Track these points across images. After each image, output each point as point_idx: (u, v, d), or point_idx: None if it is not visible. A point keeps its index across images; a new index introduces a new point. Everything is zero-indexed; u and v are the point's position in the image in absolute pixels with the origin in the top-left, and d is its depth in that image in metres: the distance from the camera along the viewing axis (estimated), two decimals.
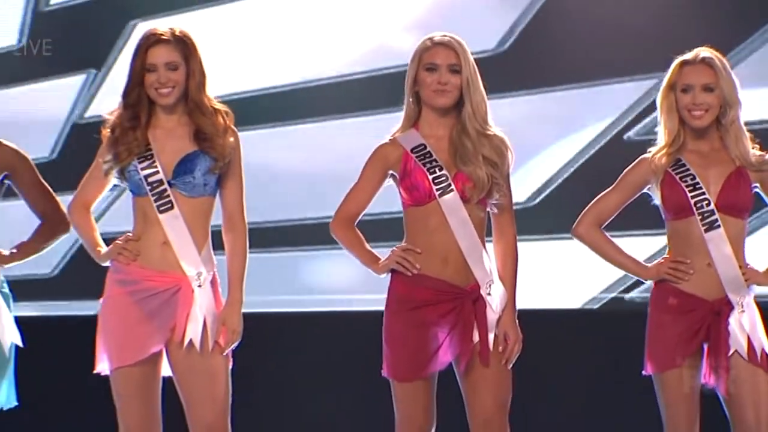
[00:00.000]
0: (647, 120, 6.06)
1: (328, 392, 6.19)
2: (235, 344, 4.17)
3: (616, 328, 5.69)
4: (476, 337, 4.15)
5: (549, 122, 6.60)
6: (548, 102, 6.58)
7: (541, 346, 4.85)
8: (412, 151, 4.16)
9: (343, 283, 6.38)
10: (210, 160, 4.09)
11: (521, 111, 6.58)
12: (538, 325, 4.77)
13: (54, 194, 4.63)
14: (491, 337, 4.16)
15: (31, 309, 5.54)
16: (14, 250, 4.50)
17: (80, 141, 6.23)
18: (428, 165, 4.16)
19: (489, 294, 4.16)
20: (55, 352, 5.24)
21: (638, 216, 4.48)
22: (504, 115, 4.48)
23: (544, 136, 6.56)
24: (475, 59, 4.19)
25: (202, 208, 4.16)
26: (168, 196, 4.10)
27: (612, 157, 5.91)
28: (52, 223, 4.54)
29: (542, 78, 6.53)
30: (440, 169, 4.14)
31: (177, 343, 4.08)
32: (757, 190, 4.30)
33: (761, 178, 4.26)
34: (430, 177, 4.14)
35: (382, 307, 4.20)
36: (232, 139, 4.14)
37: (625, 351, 4.67)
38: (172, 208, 4.10)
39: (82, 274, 5.61)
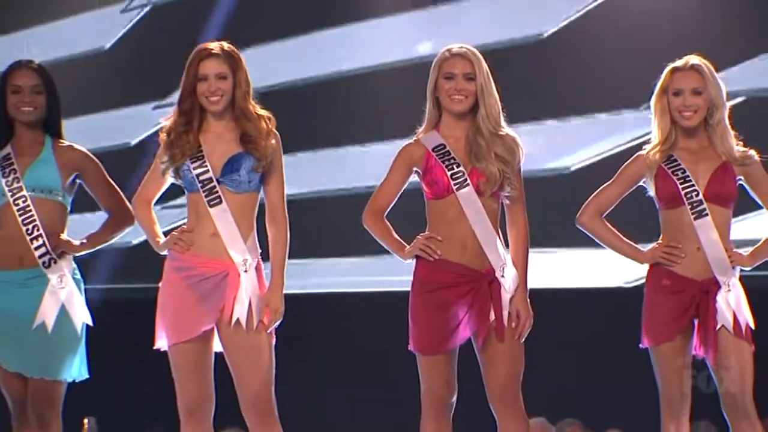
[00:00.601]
0: None
1: (360, 365, 6.69)
2: (277, 323, 4.61)
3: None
4: (492, 316, 4.60)
5: None
6: None
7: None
8: (433, 150, 4.63)
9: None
10: (254, 160, 4.54)
11: None
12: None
13: (120, 191, 5.09)
14: (505, 314, 4.61)
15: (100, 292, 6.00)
16: (84, 240, 5.00)
17: None
18: (447, 162, 4.62)
19: (503, 276, 4.62)
20: (121, 330, 5.67)
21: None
22: None
23: None
24: None
25: (247, 202, 4.60)
26: (217, 192, 4.54)
27: None
28: (118, 217, 5.02)
29: None
30: (457, 166, 4.60)
31: (226, 322, 4.52)
32: (741, 182, 4.73)
33: (745, 172, 4.70)
34: (449, 173, 4.61)
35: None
36: (273, 141, 4.59)
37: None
38: (220, 202, 4.54)
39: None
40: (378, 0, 9.08)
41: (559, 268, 7.14)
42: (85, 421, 7.64)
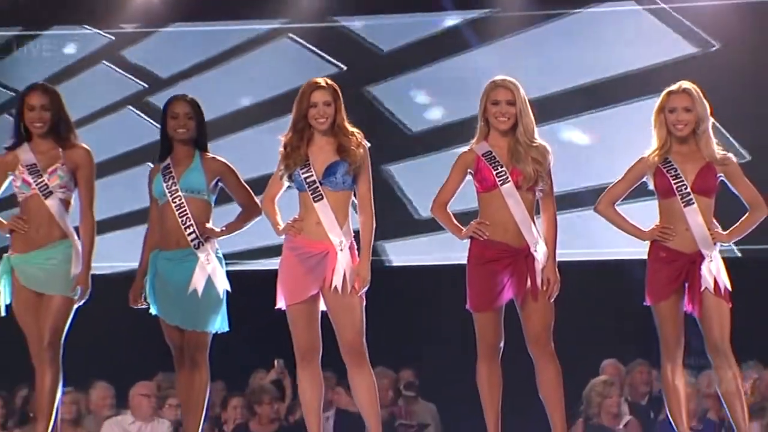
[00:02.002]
0: None
1: (434, 322, 7.82)
2: (366, 288, 5.75)
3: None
4: (528, 282, 5.76)
5: None
6: None
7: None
8: (482, 155, 5.83)
9: None
10: (347, 165, 5.73)
11: None
12: None
13: (251, 191, 6.26)
14: (539, 281, 5.77)
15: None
16: (224, 228, 6.22)
17: None
18: (493, 164, 5.80)
19: (536, 251, 5.78)
20: (250, 295, 6.91)
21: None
22: None
23: None
24: None
25: (342, 198, 5.77)
26: (319, 191, 5.73)
27: None
28: (248, 210, 6.25)
29: None
30: (501, 167, 5.78)
31: (327, 288, 5.70)
32: (722, 178, 5.80)
33: (724, 171, 5.78)
34: (494, 172, 5.78)
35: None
36: (362, 150, 5.78)
37: None
38: (322, 198, 5.73)
39: None
40: None
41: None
42: (275, 362, 8.92)
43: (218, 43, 11.00)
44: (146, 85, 11.02)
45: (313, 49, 10.82)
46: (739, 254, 9.01)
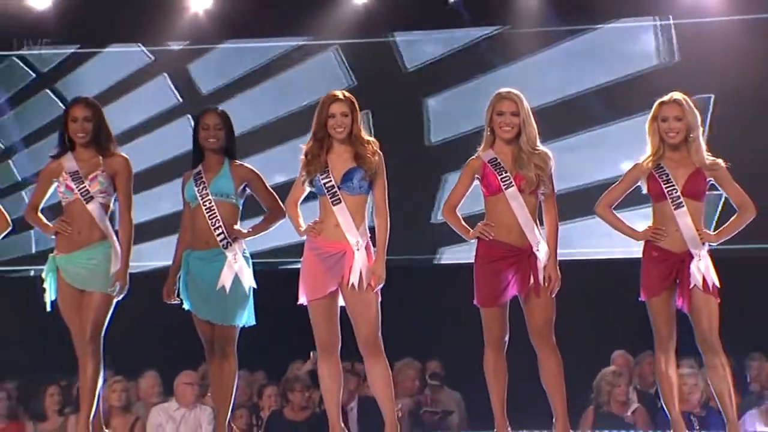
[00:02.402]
0: None
1: (441, 318, 8.24)
2: (381, 285, 6.15)
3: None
4: (531, 279, 6.18)
5: None
6: None
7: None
8: (488, 162, 6.26)
9: None
10: (363, 171, 6.16)
11: None
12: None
13: (275, 195, 6.68)
14: (541, 278, 6.19)
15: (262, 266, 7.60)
16: (250, 229, 6.66)
17: None
18: (498, 170, 6.22)
19: (538, 251, 6.19)
20: (274, 291, 7.23)
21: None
22: None
23: None
24: None
25: (359, 202, 6.20)
26: (338, 195, 6.16)
27: None
28: (273, 213, 6.68)
29: None
30: (505, 172, 6.20)
31: (345, 285, 6.12)
32: (712, 182, 6.19)
33: (713, 175, 6.18)
34: (499, 177, 6.20)
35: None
36: (377, 158, 6.21)
37: None
38: (340, 202, 6.16)
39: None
40: None
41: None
42: (311, 353, 9.24)
43: (261, 57, 11.64)
44: (203, 93, 11.65)
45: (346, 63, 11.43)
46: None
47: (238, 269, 6.55)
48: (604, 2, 10.94)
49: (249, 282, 6.62)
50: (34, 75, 11.82)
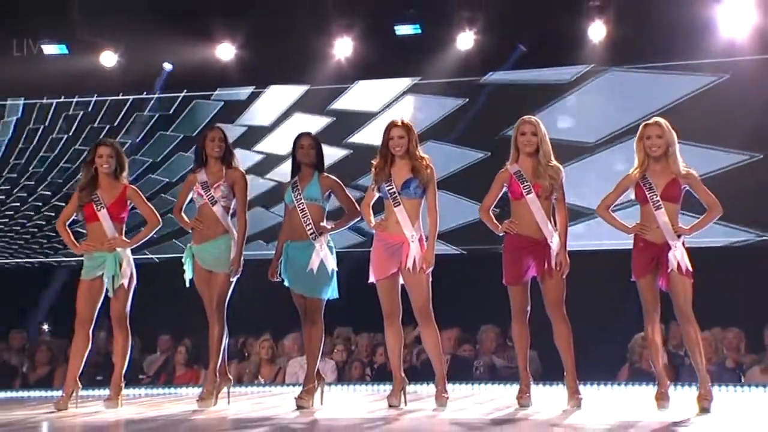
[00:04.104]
0: None
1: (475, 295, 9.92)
2: (431, 268, 7.82)
3: None
4: (546, 264, 7.78)
5: None
6: None
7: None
8: (513, 174, 7.91)
9: None
10: (418, 181, 7.84)
11: None
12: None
13: (353, 199, 8.28)
14: (554, 263, 7.79)
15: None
16: (333, 225, 8.28)
17: None
18: (520, 180, 7.85)
19: (551, 242, 7.80)
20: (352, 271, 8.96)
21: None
22: None
23: None
24: None
25: (415, 204, 7.86)
26: (398, 199, 7.85)
27: None
28: (351, 213, 8.32)
29: None
30: (526, 182, 7.83)
31: (403, 268, 7.81)
32: (687, 189, 7.63)
33: (688, 183, 7.63)
34: (521, 186, 7.84)
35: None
36: (429, 171, 7.88)
37: None
38: (400, 205, 7.83)
39: None
40: None
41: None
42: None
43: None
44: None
45: None
46: None
47: (323, 256, 8.17)
48: None
49: (332, 265, 8.25)
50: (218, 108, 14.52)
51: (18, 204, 14.98)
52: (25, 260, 14.95)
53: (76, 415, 8.25)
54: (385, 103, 13.86)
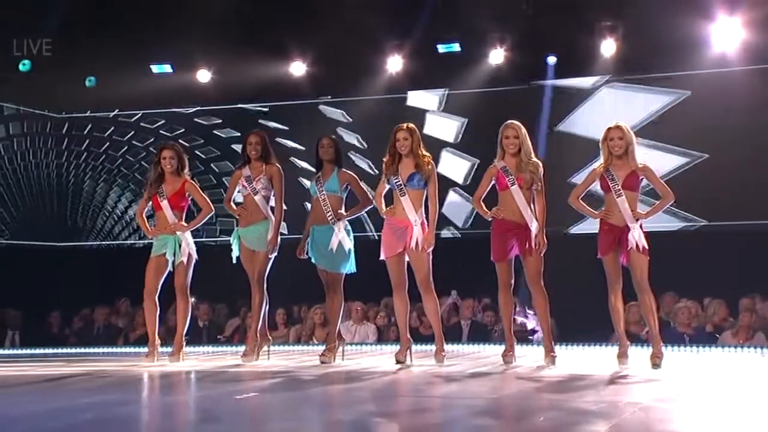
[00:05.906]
0: None
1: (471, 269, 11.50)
2: (431, 248, 9.25)
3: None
4: (527, 244, 9.20)
5: None
6: None
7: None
8: (500, 169, 9.32)
9: None
10: (420, 175, 9.26)
11: None
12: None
13: (367, 191, 9.73)
14: (533, 244, 9.18)
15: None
16: (348, 213, 9.75)
17: None
18: (506, 174, 9.26)
19: (532, 226, 9.20)
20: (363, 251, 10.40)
21: None
22: None
23: None
24: None
25: (418, 195, 9.26)
26: (404, 190, 9.27)
27: None
28: (365, 202, 9.77)
29: None
30: (511, 175, 9.23)
31: (408, 247, 9.24)
32: (644, 180, 8.94)
33: (644, 174, 8.91)
34: (506, 179, 9.25)
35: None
36: (430, 167, 9.29)
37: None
38: (405, 195, 9.25)
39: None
40: None
41: None
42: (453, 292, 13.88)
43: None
44: None
45: None
46: None
47: (341, 237, 9.70)
48: None
49: (348, 245, 9.75)
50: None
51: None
52: (130, 242, 17.69)
53: (152, 366, 9.94)
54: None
